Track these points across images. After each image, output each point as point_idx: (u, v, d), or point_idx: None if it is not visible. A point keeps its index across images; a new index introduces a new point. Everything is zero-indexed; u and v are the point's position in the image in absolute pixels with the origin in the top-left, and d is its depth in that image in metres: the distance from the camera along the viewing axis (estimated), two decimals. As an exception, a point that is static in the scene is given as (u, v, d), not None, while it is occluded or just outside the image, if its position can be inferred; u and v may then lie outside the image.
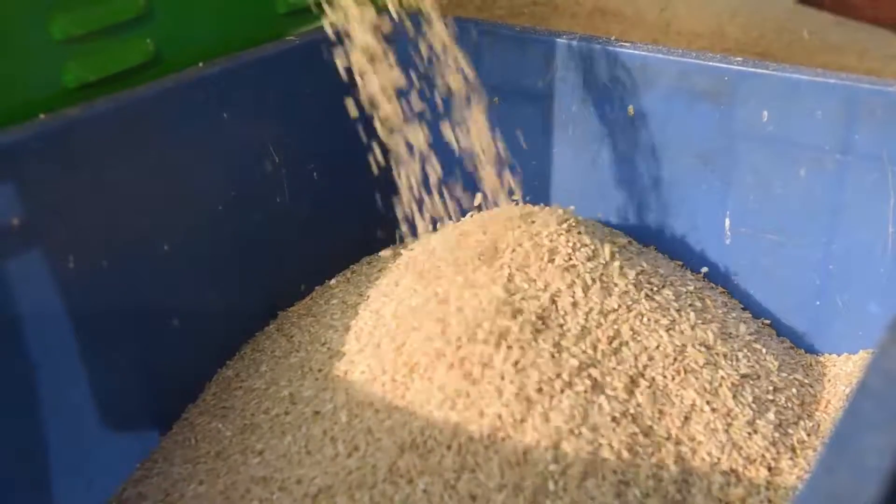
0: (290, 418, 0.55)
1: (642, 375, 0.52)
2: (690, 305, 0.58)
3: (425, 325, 0.54)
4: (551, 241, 0.56)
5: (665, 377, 0.53)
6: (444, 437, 0.49)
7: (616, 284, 0.56)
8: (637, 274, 0.57)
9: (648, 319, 0.55)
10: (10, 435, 0.50)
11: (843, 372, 0.59)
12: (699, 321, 0.57)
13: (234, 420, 0.57)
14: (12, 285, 0.50)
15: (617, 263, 0.57)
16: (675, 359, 0.54)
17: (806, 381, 0.58)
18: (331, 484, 0.50)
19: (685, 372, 0.53)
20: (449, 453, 0.49)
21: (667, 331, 0.55)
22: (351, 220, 0.70)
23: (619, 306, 0.55)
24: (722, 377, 0.54)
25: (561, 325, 0.53)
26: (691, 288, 0.60)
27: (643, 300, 0.56)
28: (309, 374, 0.58)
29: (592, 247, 0.57)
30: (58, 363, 0.52)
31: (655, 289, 0.57)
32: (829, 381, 0.59)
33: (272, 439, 0.54)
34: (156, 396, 0.58)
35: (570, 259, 0.56)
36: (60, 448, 0.52)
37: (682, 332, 0.55)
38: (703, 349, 0.55)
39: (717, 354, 0.55)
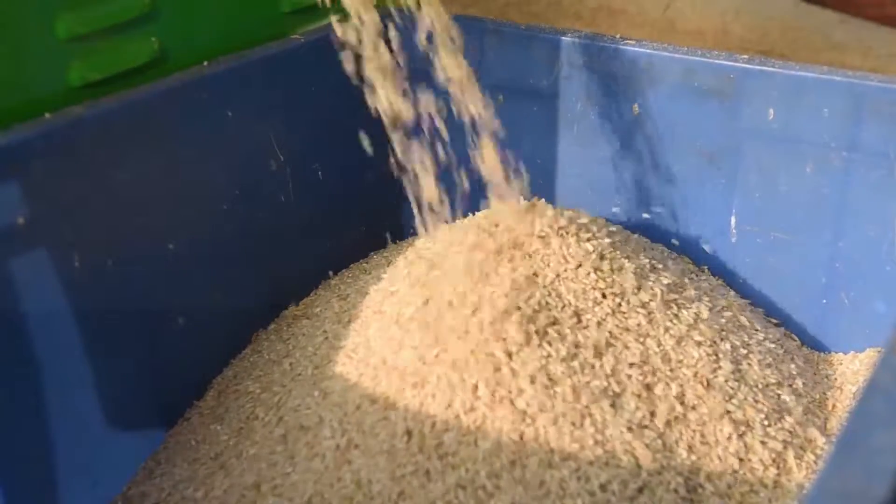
0: (280, 428, 0.54)
1: (662, 383, 0.52)
2: (722, 318, 0.57)
3: (422, 335, 0.52)
4: (568, 242, 0.56)
5: (683, 386, 0.52)
6: (446, 457, 0.48)
7: (644, 296, 0.55)
8: (665, 285, 0.57)
9: (674, 333, 0.54)
10: (16, 435, 0.50)
11: (849, 370, 0.59)
12: (727, 334, 0.56)
13: (231, 423, 0.57)
14: (17, 285, 0.50)
15: (649, 274, 0.56)
16: (697, 372, 0.53)
17: (814, 380, 0.58)
18: (327, 495, 0.49)
19: (708, 385, 0.52)
20: (453, 474, 0.48)
21: (697, 346, 0.54)
22: (355, 218, 0.70)
23: (647, 321, 0.54)
24: (745, 391, 0.53)
25: (584, 335, 0.52)
26: (717, 297, 0.59)
27: (670, 312, 0.55)
28: (297, 382, 0.57)
29: (616, 253, 0.57)
30: (63, 363, 0.52)
31: (683, 302, 0.57)
32: (836, 379, 0.58)
33: (264, 447, 0.54)
34: (161, 395, 0.58)
35: (591, 264, 0.55)
36: (67, 448, 0.52)
37: (709, 346, 0.54)
38: (730, 365, 0.54)
39: (743, 369, 0.54)
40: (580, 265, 0.55)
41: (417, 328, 0.53)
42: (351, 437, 0.51)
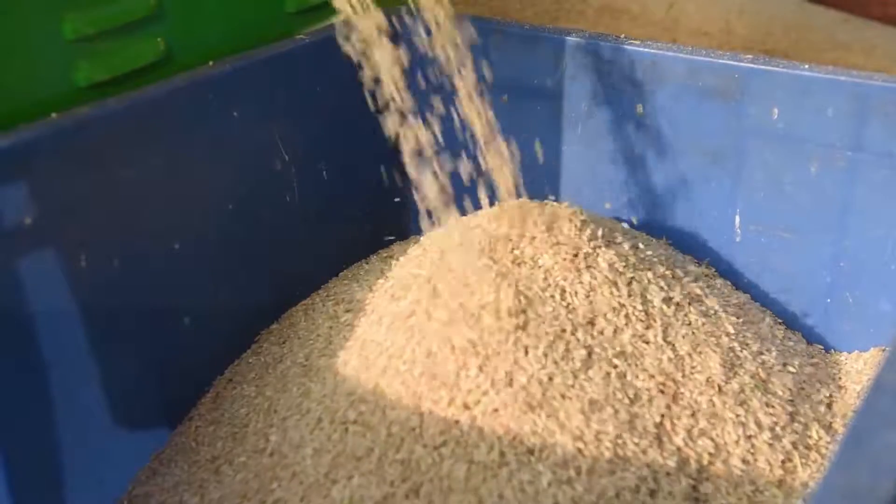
0: (267, 438, 0.54)
1: (674, 389, 0.51)
2: (740, 323, 0.57)
3: (418, 344, 0.51)
4: (578, 242, 0.55)
5: (693, 391, 0.51)
6: (444, 480, 0.46)
7: (664, 306, 0.55)
8: (685, 294, 0.56)
9: (690, 340, 0.54)
10: (23, 435, 0.50)
11: (853, 370, 0.59)
12: (740, 336, 0.56)
13: (227, 426, 0.57)
14: (24, 284, 0.50)
15: (672, 282, 0.56)
16: (710, 377, 0.52)
17: (819, 379, 0.58)
18: None
19: (720, 391, 0.52)
20: (453, 498, 0.46)
21: (712, 353, 0.53)
22: (360, 217, 0.70)
23: (663, 331, 0.53)
24: (758, 395, 0.53)
25: (599, 344, 0.51)
26: (733, 301, 0.59)
27: (689, 319, 0.55)
28: (286, 391, 0.56)
29: (638, 260, 0.56)
30: (70, 362, 0.52)
31: (703, 309, 0.56)
32: (841, 378, 0.58)
33: (252, 456, 0.53)
34: (166, 394, 0.58)
35: (608, 272, 0.55)
36: (73, 447, 0.52)
37: (725, 354, 0.54)
38: (742, 370, 0.54)
39: (754, 373, 0.54)
40: (596, 271, 0.55)
41: (412, 337, 0.52)
42: (333, 457, 0.49)
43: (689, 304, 0.56)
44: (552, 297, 0.53)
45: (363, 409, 0.51)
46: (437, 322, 0.52)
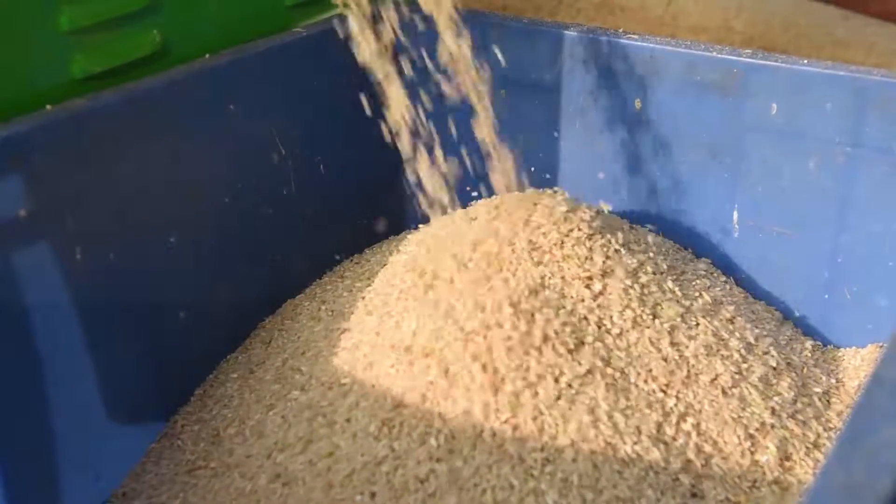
0: (228, 454, 0.53)
1: (676, 389, 0.50)
2: (748, 324, 0.57)
3: (407, 352, 0.50)
4: (581, 239, 0.55)
5: (697, 392, 0.51)
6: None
7: (669, 308, 0.54)
8: (695, 298, 0.56)
9: (700, 341, 0.53)
10: (19, 430, 0.50)
11: (851, 365, 0.59)
12: (750, 342, 0.55)
13: (208, 427, 0.56)
14: (18, 277, 0.50)
15: (685, 286, 0.56)
16: (714, 378, 0.52)
17: (817, 375, 0.57)
18: None
19: (724, 393, 0.52)
20: None
21: (722, 359, 0.53)
22: (357, 211, 0.70)
23: (669, 336, 0.53)
24: (761, 396, 0.52)
25: (605, 346, 0.50)
26: (739, 298, 0.59)
27: (698, 321, 0.54)
28: (260, 401, 0.55)
29: (651, 264, 0.56)
30: (65, 356, 0.52)
31: (713, 313, 0.56)
32: (838, 374, 0.58)
33: (220, 466, 0.53)
34: (161, 389, 0.58)
35: (609, 268, 0.54)
36: (69, 442, 0.52)
37: (731, 359, 0.53)
38: (747, 371, 0.53)
39: (758, 372, 0.54)
40: (602, 270, 0.54)
41: (404, 347, 0.51)
42: (288, 493, 0.48)
43: (699, 306, 0.56)
44: (554, 299, 0.52)
45: (321, 446, 0.49)
46: (419, 334, 0.51)
